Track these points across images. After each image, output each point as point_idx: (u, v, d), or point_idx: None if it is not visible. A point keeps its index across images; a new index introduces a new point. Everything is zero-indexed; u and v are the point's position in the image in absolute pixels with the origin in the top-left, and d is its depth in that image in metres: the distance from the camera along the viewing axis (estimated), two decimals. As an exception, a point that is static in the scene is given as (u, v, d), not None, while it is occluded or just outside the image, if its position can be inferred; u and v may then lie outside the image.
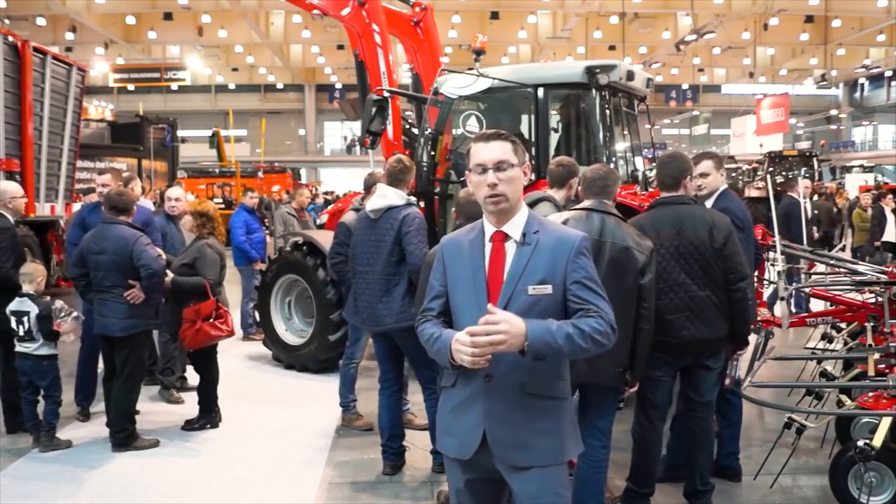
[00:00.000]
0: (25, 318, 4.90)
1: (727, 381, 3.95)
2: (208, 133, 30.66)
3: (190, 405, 5.80)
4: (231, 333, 5.34)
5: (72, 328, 5.04)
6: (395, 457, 4.59)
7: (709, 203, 4.27)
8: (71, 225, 5.85)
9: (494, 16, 30.63)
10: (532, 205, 3.93)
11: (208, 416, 5.46)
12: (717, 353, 3.81)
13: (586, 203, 3.64)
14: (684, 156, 4.12)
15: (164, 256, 5.25)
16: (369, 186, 5.38)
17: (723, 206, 4.21)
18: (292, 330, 7.29)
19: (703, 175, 4.34)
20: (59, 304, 5.04)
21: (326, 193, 24.48)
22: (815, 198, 15.26)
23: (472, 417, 2.32)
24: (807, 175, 21.94)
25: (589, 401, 3.60)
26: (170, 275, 5.21)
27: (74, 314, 5.08)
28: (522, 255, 2.31)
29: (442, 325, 2.38)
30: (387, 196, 4.52)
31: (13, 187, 5.57)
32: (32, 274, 5.02)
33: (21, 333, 4.91)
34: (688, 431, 3.90)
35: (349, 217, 5.07)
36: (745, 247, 4.09)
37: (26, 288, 4.98)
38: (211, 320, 5.17)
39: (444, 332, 2.31)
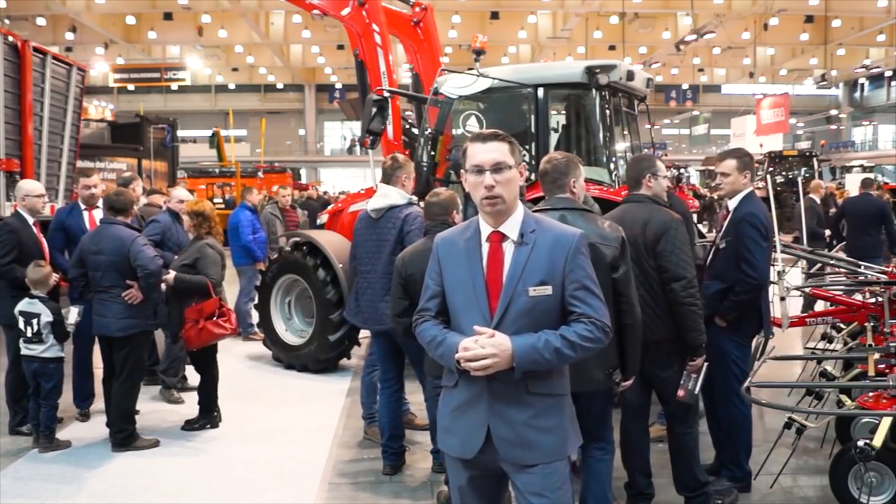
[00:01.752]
0: (35, 321, 4.90)
1: (679, 393, 3.70)
2: (208, 133, 30.65)
3: (190, 405, 5.80)
4: (235, 332, 5.34)
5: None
6: (395, 457, 4.59)
7: (732, 204, 4.16)
8: (50, 230, 5.69)
9: (494, 16, 30.62)
10: None
11: (208, 416, 5.46)
12: (662, 360, 3.69)
13: (545, 202, 3.40)
14: (648, 156, 4.13)
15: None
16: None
17: (747, 210, 4.03)
18: (292, 330, 7.29)
19: (724, 175, 4.18)
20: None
21: (341, 193, 24.14)
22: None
23: (475, 417, 2.33)
24: (807, 175, 21.95)
25: (583, 410, 3.40)
26: (171, 273, 5.21)
27: (74, 312, 5.11)
28: (521, 255, 2.32)
29: (442, 325, 2.40)
30: (388, 196, 4.52)
31: (29, 186, 5.60)
32: (44, 281, 5.01)
33: (29, 335, 4.91)
34: (668, 437, 3.92)
35: None
36: (766, 255, 4.03)
37: (37, 291, 4.98)
38: (214, 319, 5.18)
39: (447, 335, 2.33)
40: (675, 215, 3.77)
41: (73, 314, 5.17)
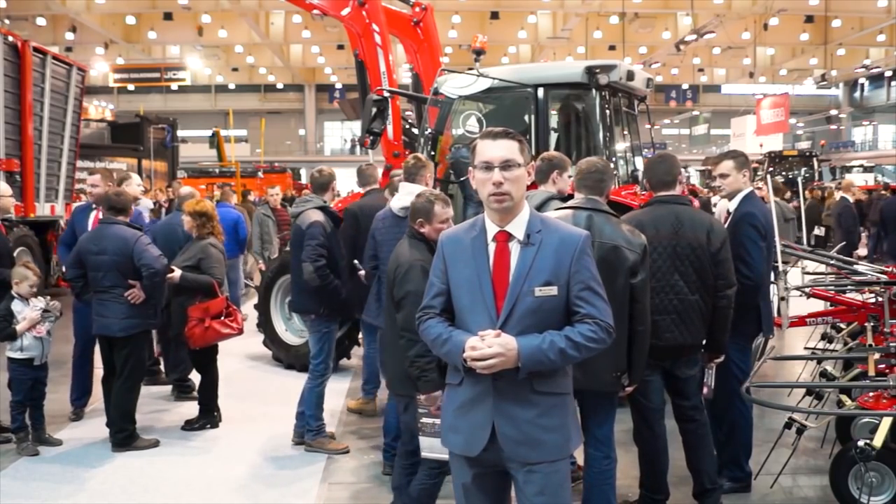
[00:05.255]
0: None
1: (705, 391, 3.83)
2: (208, 133, 30.65)
3: (190, 405, 5.80)
4: (240, 331, 5.32)
5: (27, 325, 4.82)
6: (395, 457, 4.57)
7: (732, 205, 4.17)
8: (67, 226, 5.98)
9: (494, 16, 30.58)
10: (541, 207, 3.84)
11: (208, 416, 5.46)
12: (692, 359, 3.76)
13: (575, 200, 3.51)
14: (674, 156, 4.11)
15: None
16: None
17: (746, 210, 4.05)
18: (292, 330, 7.28)
19: (723, 176, 4.20)
20: (18, 305, 4.87)
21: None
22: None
23: (480, 415, 2.34)
24: (807, 175, 21.97)
25: (586, 409, 3.49)
26: (177, 271, 5.18)
27: (36, 309, 4.87)
28: (527, 255, 2.32)
29: (446, 323, 2.40)
30: (414, 194, 4.48)
31: (2, 187, 5.61)
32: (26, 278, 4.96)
33: None
34: (684, 435, 3.88)
35: (318, 216, 4.92)
36: (766, 255, 4.04)
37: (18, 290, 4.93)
38: (221, 318, 5.17)
39: (453, 333, 2.34)
40: (721, 224, 3.82)
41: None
